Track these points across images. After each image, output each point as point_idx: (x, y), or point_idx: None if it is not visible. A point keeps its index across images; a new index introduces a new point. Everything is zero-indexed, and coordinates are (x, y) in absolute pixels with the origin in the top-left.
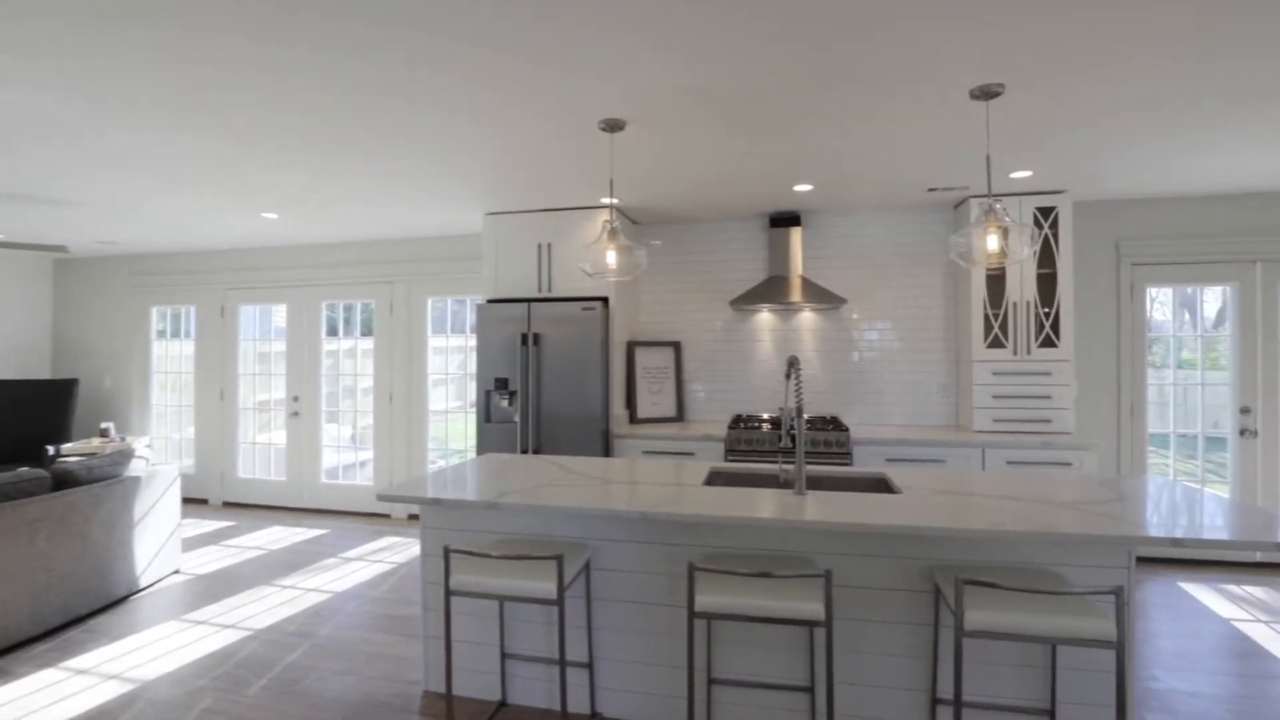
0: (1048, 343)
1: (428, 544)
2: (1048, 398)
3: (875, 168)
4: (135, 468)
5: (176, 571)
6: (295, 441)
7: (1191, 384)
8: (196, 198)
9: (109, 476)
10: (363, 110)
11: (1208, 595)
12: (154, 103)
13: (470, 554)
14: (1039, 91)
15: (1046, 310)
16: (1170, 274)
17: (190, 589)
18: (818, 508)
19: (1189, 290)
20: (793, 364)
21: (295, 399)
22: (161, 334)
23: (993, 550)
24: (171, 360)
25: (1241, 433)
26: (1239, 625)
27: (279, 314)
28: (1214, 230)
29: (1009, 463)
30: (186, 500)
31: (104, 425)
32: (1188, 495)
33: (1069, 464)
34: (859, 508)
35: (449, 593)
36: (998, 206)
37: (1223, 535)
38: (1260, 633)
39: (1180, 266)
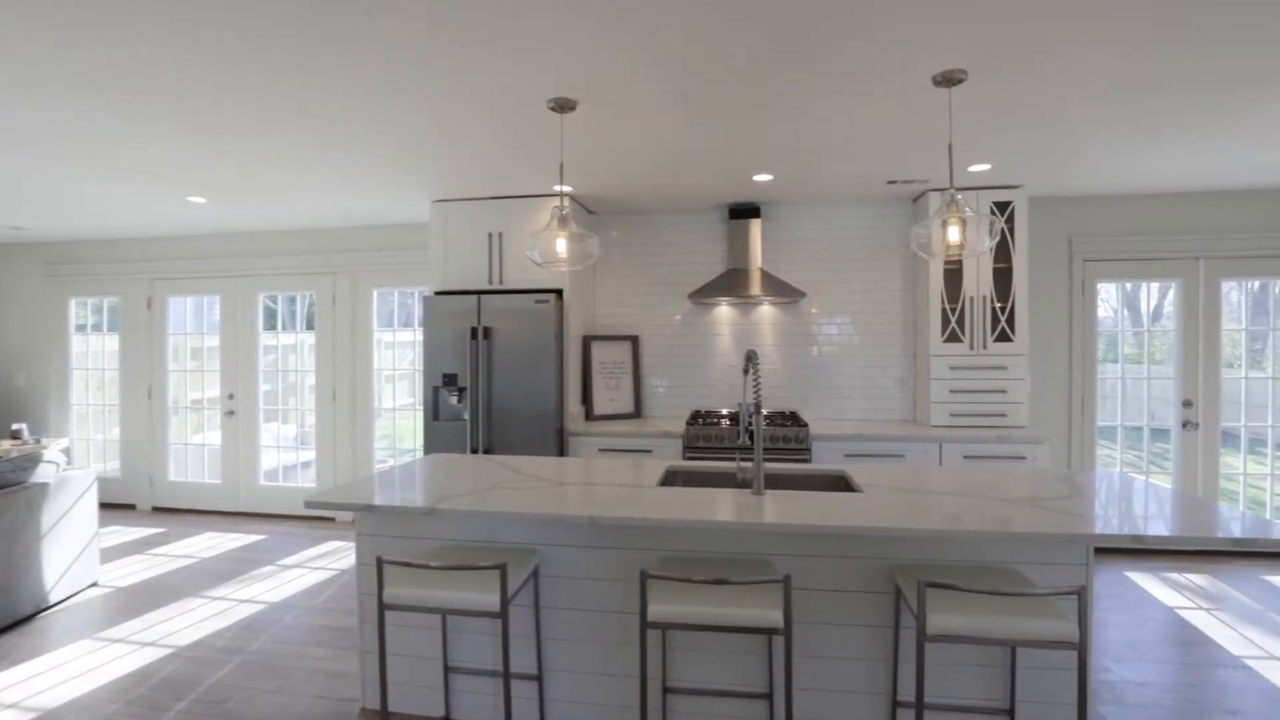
0: (1003, 337)
1: (363, 552)
2: (1003, 392)
3: (836, 158)
4: (44, 473)
5: (94, 584)
6: (231, 442)
7: (1136, 378)
8: (112, 180)
9: (11, 483)
10: (294, 92)
11: (1152, 584)
12: (64, 80)
13: (406, 564)
14: (1000, 80)
15: (1001, 305)
16: (1119, 270)
17: (108, 603)
18: (776, 509)
19: (1128, 286)
20: (751, 359)
21: (230, 396)
22: (82, 328)
23: (953, 549)
24: (94, 356)
25: (1184, 425)
26: (1182, 613)
27: (215, 306)
28: (1160, 228)
29: (965, 457)
30: (112, 506)
31: (16, 426)
32: (1140, 489)
33: (1023, 458)
34: (818, 508)
35: (383, 606)
36: (959, 197)
37: (1178, 531)
38: (1202, 620)
39: (1128, 263)
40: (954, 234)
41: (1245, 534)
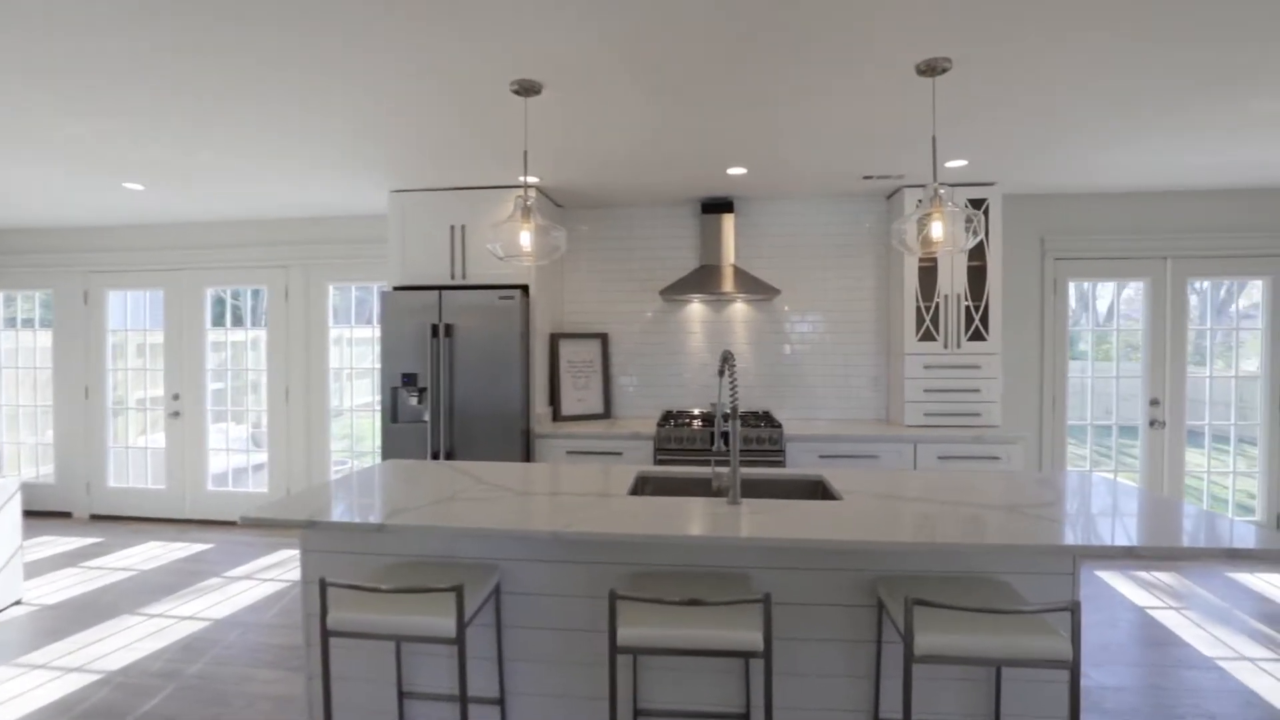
0: (977, 336)
1: (309, 569)
2: (976, 391)
3: (812, 151)
4: None
5: (17, 603)
6: (176, 444)
7: (1099, 377)
8: (38, 164)
9: None
10: (239, 76)
11: (1121, 582)
12: None
13: (353, 588)
14: (983, 70)
15: (975, 303)
16: (1090, 269)
17: (32, 624)
18: (753, 520)
19: (1085, 285)
20: (726, 360)
21: (175, 397)
22: (11, 323)
23: (937, 560)
24: (25, 354)
25: (1151, 423)
26: (1152, 613)
27: (159, 301)
28: (1130, 227)
29: (940, 458)
30: (45, 514)
31: None
32: (1121, 493)
33: (997, 458)
34: (798, 519)
35: (326, 633)
36: (942, 191)
37: (1167, 541)
38: (1172, 619)
39: (1099, 262)
40: (938, 229)
41: (1236, 542)
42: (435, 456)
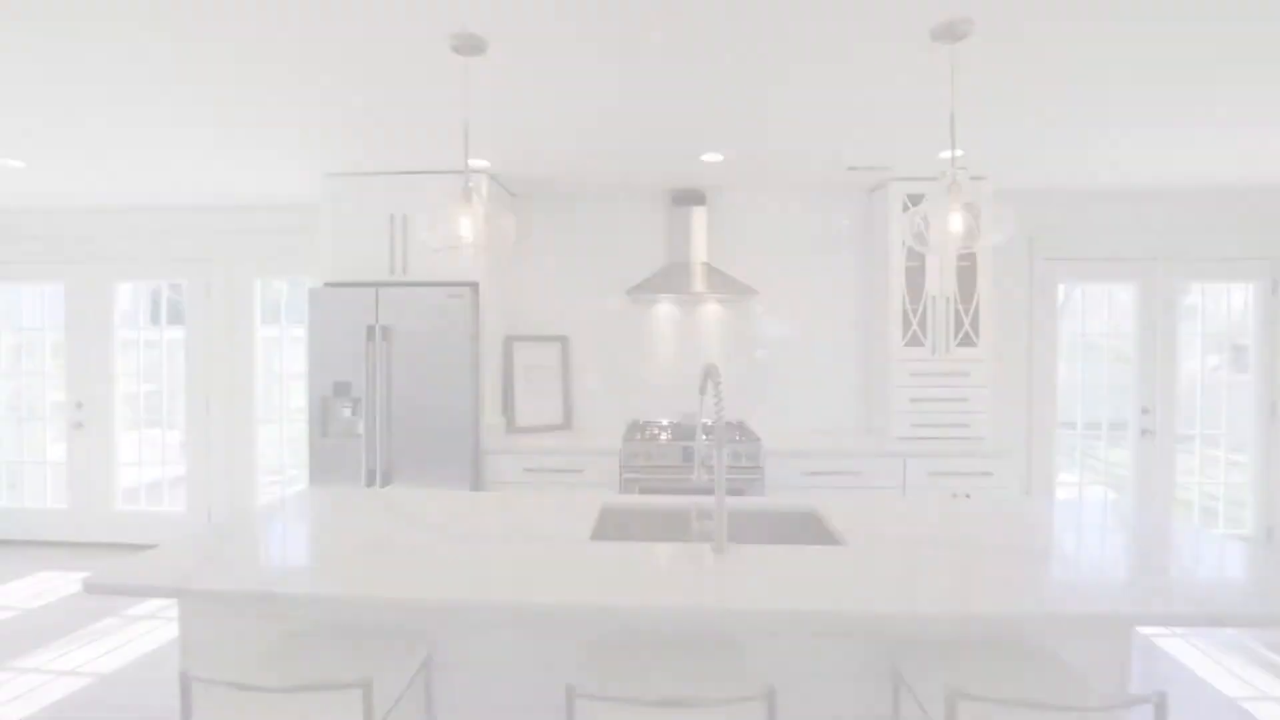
0: (966, 341)
1: (189, 635)
2: (965, 400)
3: (798, 135)
4: None
5: None
6: (80, 458)
7: (1093, 384)
8: None
9: None
10: (134, 45)
11: None
12: None
13: (232, 685)
14: (1004, 34)
15: (965, 306)
16: (1080, 270)
17: None
18: (748, 579)
19: (1056, 288)
20: (710, 375)
21: (79, 405)
22: None
23: (971, 624)
24: None
25: (1142, 433)
26: (1160, 641)
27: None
28: (1120, 227)
29: (931, 474)
30: None
31: None
32: (1161, 529)
33: (991, 474)
34: (801, 577)
35: None
36: (960, 179)
37: (1258, 606)
38: (1181, 649)
39: (1088, 263)
40: (956, 222)
41: None
42: (371, 477)
